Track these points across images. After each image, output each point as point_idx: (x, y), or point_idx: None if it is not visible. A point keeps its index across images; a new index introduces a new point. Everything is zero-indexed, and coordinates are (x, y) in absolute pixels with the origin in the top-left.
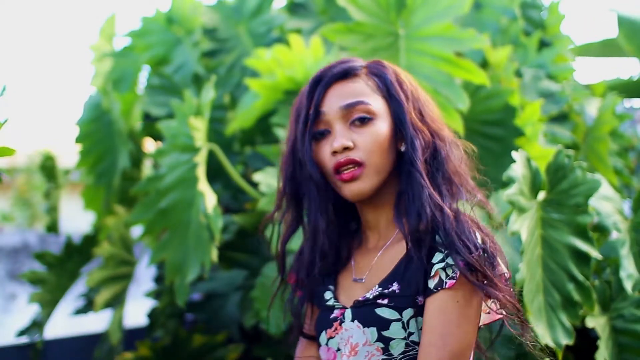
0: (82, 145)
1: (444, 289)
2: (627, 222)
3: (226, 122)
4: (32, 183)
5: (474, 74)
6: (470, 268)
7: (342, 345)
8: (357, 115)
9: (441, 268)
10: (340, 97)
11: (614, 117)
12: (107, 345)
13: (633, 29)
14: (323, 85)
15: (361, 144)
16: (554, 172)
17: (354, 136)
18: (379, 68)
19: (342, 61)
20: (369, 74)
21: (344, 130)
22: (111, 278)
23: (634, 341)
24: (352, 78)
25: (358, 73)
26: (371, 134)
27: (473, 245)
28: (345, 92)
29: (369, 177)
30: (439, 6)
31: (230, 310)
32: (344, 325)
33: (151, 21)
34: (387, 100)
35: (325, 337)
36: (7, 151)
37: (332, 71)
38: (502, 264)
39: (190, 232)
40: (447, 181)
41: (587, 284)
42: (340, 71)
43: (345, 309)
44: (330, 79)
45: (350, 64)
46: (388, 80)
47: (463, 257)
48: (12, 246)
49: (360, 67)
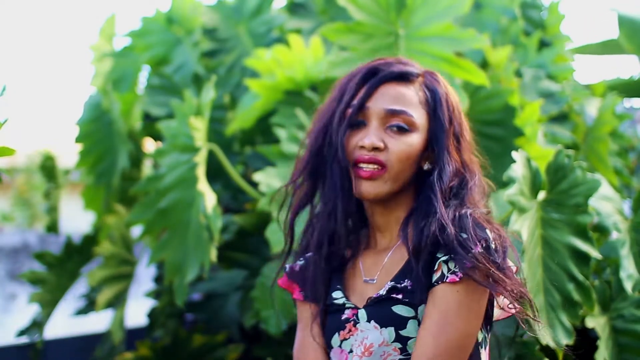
0: (82, 145)
1: (445, 283)
2: (627, 222)
3: (226, 122)
4: (32, 183)
5: (473, 74)
6: (473, 266)
7: (355, 347)
8: (397, 122)
9: (444, 261)
10: (388, 98)
11: (614, 117)
12: (108, 345)
13: (633, 29)
14: (377, 80)
15: (392, 148)
16: (554, 172)
17: (386, 138)
18: (433, 82)
19: (401, 61)
20: (422, 85)
21: (379, 130)
22: (112, 277)
23: (634, 341)
24: (406, 83)
25: (413, 80)
26: (404, 142)
27: (474, 243)
28: (394, 95)
29: (388, 182)
30: (439, 6)
31: (230, 310)
32: (359, 326)
33: (151, 21)
34: (430, 116)
35: (339, 339)
36: (7, 151)
37: (390, 69)
38: (513, 258)
39: (189, 232)
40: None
41: (587, 284)
42: (398, 71)
43: (357, 310)
44: (385, 76)
45: (408, 68)
46: (438, 98)
47: (464, 257)
48: (12, 246)
49: (417, 74)
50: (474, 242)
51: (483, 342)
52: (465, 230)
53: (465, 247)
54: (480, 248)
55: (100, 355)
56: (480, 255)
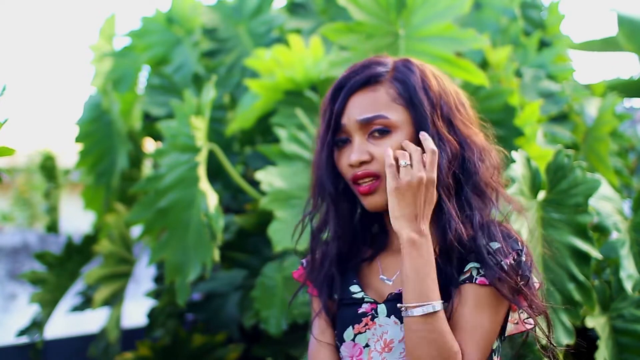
0: (82, 145)
1: (473, 283)
2: (627, 222)
3: (226, 122)
4: (32, 183)
5: (473, 74)
6: (500, 279)
7: (372, 342)
8: (375, 128)
9: (474, 267)
10: (359, 109)
11: (614, 117)
12: (103, 343)
13: (633, 29)
14: (344, 93)
15: (378, 156)
16: (553, 172)
17: (371, 148)
18: (405, 72)
19: (367, 64)
20: (392, 80)
21: (362, 142)
22: (110, 276)
23: (634, 341)
24: (373, 86)
25: (381, 80)
26: (389, 146)
27: (504, 256)
28: (364, 103)
29: (386, 189)
30: (439, 6)
31: (230, 310)
32: (378, 320)
33: (151, 21)
34: (409, 108)
35: (353, 333)
36: (7, 151)
37: (355, 78)
38: (535, 273)
39: (190, 232)
40: (478, 192)
41: (587, 284)
42: (361, 79)
43: (377, 304)
44: (351, 87)
45: (373, 70)
46: (411, 87)
47: (492, 269)
48: (12, 246)
49: (385, 72)
50: (505, 254)
51: (497, 350)
52: (496, 240)
53: (495, 257)
54: (511, 260)
55: (95, 354)
56: (509, 268)
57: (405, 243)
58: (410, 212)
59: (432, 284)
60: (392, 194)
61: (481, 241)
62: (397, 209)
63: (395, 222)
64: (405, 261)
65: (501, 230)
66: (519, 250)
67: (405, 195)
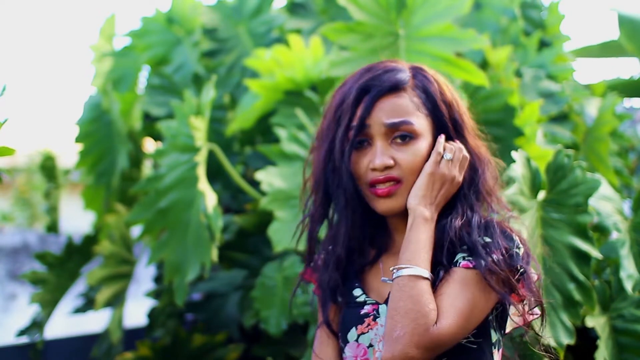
0: (82, 145)
1: (458, 267)
2: (627, 222)
3: (226, 122)
4: (32, 183)
5: (473, 74)
6: (490, 270)
7: (375, 342)
8: (400, 134)
9: (463, 256)
10: (386, 113)
11: (614, 117)
12: (106, 344)
13: (634, 29)
14: (371, 97)
15: (402, 162)
16: (553, 172)
17: (394, 153)
18: (424, 82)
19: (388, 69)
20: (414, 89)
21: (385, 146)
22: (112, 277)
23: (634, 341)
24: (399, 93)
25: (405, 87)
26: (412, 152)
27: (495, 248)
28: (391, 108)
29: (403, 194)
30: (439, 6)
31: (230, 310)
32: (379, 320)
33: (151, 21)
34: (430, 118)
35: (356, 333)
36: (7, 151)
37: (382, 84)
38: (534, 265)
39: (189, 232)
40: (481, 199)
41: (587, 284)
42: (388, 85)
43: (378, 305)
44: (379, 92)
45: (398, 76)
46: (432, 97)
47: (483, 258)
48: (12, 246)
49: (407, 79)
50: (495, 247)
51: (497, 343)
52: (489, 235)
53: (486, 249)
54: (500, 254)
55: (98, 355)
56: (499, 261)
57: (417, 217)
58: (432, 196)
59: (426, 256)
60: (426, 176)
61: (475, 236)
62: (422, 189)
63: (414, 199)
64: (411, 231)
65: (499, 228)
66: (511, 245)
67: (435, 183)
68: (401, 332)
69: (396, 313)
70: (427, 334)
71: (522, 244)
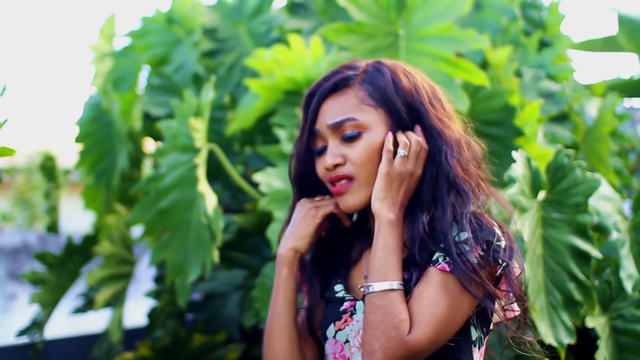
0: (82, 145)
1: (436, 267)
2: (627, 222)
3: (226, 122)
4: (32, 183)
5: (473, 74)
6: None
7: (351, 337)
8: (347, 131)
9: (441, 255)
10: (329, 114)
11: (614, 117)
12: (106, 344)
13: (633, 28)
14: (315, 101)
15: (351, 158)
16: (554, 172)
17: (345, 150)
18: (374, 74)
19: (338, 69)
20: (361, 83)
21: (335, 146)
22: (111, 277)
23: (634, 341)
24: (342, 90)
25: (350, 84)
26: (362, 147)
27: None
28: (334, 108)
29: (360, 190)
30: (439, 6)
31: (230, 310)
32: (356, 317)
33: (151, 21)
34: (381, 108)
35: (334, 330)
36: (7, 151)
37: (324, 85)
38: (517, 260)
39: (190, 232)
40: (453, 185)
41: (588, 284)
42: (330, 85)
43: (356, 301)
44: (321, 94)
45: (342, 75)
46: (381, 87)
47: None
48: (12, 246)
49: (354, 75)
50: (472, 245)
51: (478, 342)
52: (466, 230)
53: (464, 250)
54: (480, 250)
55: (98, 355)
56: (477, 263)
57: (383, 222)
58: (392, 197)
59: (395, 261)
60: (382, 177)
61: (450, 236)
62: (382, 192)
63: (376, 203)
64: (378, 238)
65: (476, 221)
66: (492, 239)
67: (392, 182)
68: (375, 345)
69: (369, 327)
70: (401, 345)
71: (504, 236)
